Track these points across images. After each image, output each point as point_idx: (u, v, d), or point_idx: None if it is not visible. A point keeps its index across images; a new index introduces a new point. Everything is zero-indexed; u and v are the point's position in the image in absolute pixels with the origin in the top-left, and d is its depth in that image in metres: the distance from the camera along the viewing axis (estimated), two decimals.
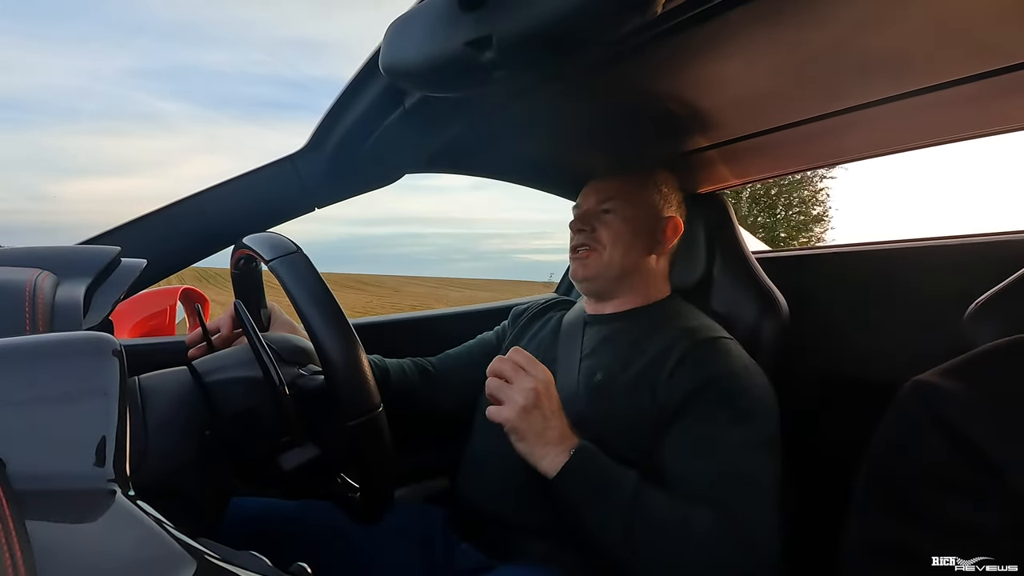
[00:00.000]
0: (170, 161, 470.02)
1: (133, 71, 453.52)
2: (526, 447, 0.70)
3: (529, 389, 0.70)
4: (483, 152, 1.14)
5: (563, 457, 0.69)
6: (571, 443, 0.70)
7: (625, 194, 0.92)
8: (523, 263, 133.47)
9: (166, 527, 0.30)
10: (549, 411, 0.71)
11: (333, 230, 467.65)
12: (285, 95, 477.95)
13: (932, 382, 0.50)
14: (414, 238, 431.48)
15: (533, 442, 0.70)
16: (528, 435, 0.70)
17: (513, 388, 0.71)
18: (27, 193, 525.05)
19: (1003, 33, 0.63)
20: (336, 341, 0.55)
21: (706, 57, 0.72)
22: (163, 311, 1.77)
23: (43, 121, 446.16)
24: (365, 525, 0.64)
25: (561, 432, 0.71)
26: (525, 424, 0.70)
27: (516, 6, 0.46)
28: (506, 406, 0.71)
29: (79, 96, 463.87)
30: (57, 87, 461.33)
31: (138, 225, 0.88)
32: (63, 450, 0.31)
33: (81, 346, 0.35)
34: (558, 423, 0.71)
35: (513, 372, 0.72)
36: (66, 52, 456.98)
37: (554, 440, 0.70)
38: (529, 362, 0.73)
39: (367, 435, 0.56)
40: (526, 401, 0.70)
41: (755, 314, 0.98)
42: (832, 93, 0.80)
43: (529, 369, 0.73)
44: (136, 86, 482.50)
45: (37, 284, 0.47)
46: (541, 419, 0.70)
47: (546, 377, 0.73)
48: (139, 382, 0.57)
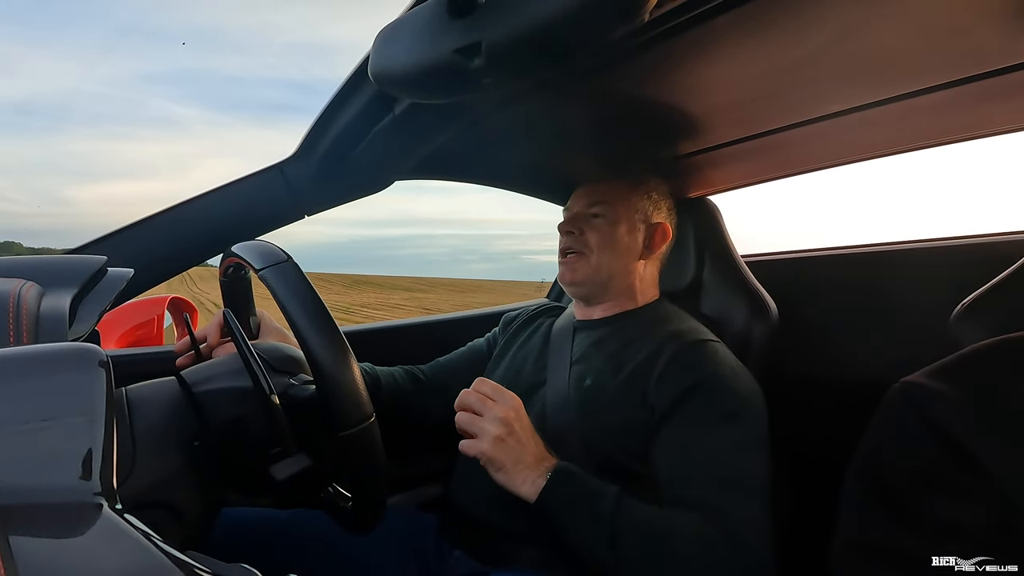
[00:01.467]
0: (184, 165, 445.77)
1: (148, 76, 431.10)
2: (505, 477, 0.70)
3: (500, 418, 0.70)
4: (473, 158, 1.14)
5: (542, 480, 0.69)
6: (548, 464, 0.70)
7: (614, 199, 0.92)
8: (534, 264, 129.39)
9: (154, 540, 0.29)
10: (523, 436, 0.71)
11: (343, 232, 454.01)
12: (295, 98, 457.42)
13: (919, 383, 0.51)
14: (425, 239, 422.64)
15: (512, 470, 0.69)
16: (506, 464, 0.69)
17: (484, 420, 0.71)
18: (45, 197, 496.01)
19: (987, 37, 0.64)
20: (328, 351, 0.55)
21: (693, 63, 0.72)
22: (151, 321, 1.75)
23: (61, 127, 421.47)
24: (357, 535, 0.63)
25: (537, 455, 0.71)
26: (502, 454, 0.69)
27: (505, 13, 0.46)
28: (479, 439, 0.70)
29: (95, 101, 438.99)
30: (74, 92, 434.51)
31: (125, 234, 0.87)
32: (48, 463, 0.30)
33: (67, 357, 0.34)
34: (533, 446, 0.71)
35: (481, 404, 0.72)
36: (83, 58, 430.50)
37: (531, 464, 0.70)
38: (496, 391, 0.74)
39: (359, 446, 0.55)
40: (499, 431, 0.69)
41: (745, 317, 0.99)
42: (818, 98, 0.81)
43: (497, 398, 0.73)
44: (152, 91, 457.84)
45: (21, 295, 0.46)
46: (517, 445, 0.70)
47: (515, 403, 0.73)
48: (126, 393, 0.56)
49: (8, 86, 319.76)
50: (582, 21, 0.44)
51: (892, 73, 0.73)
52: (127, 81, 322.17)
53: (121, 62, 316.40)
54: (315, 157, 0.92)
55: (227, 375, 0.62)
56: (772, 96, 0.81)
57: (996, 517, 0.44)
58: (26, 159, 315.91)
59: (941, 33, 0.63)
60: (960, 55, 0.68)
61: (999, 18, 0.60)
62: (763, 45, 0.67)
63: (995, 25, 0.62)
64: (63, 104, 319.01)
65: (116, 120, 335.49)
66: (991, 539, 0.44)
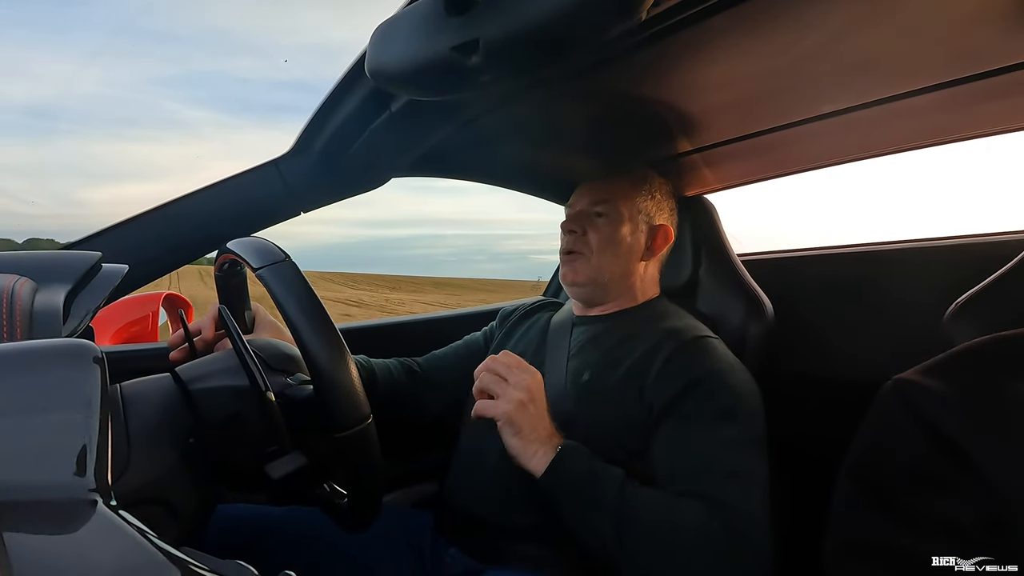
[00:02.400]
0: (193, 166, 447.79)
1: (160, 79, 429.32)
2: (519, 442, 0.71)
3: (525, 385, 0.72)
4: (470, 156, 1.14)
5: (551, 455, 0.70)
6: (557, 441, 0.71)
7: (618, 197, 0.92)
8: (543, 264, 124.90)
9: (149, 536, 0.29)
10: (541, 409, 0.73)
11: (352, 232, 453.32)
12: (302, 99, 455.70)
13: (912, 380, 0.51)
14: (433, 239, 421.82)
15: (527, 437, 0.70)
16: (523, 429, 0.70)
17: (509, 383, 0.73)
18: (60, 199, 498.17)
19: (982, 38, 0.64)
20: (326, 352, 0.54)
21: (690, 62, 0.72)
22: (145, 317, 1.75)
23: (76, 130, 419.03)
24: (353, 532, 0.63)
25: (549, 431, 0.72)
26: (522, 418, 0.70)
27: (502, 11, 0.46)
28: (502, 400, 0.72)
29: (109, 104, 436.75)
30: (88, 96, 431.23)
31: (119, 230, 0.87)
32: (42, 460, 0.30)
33: (61, 353, 0.34)
34: (546, 423, 0.73)
35: (507, 370, 0.74)
36: (95, 62, 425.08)
37: (544, 438, 0.71)
38: (521, 364, 0.75)
39: (357, 446, 0.55)
40: (523, 395, 0.71)
41: (741, 315, 0.99)
42: (814, 97, 0.82)
43: (521, 367, 0.75)
44: (163, 94, 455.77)
45: (15, 290, 0.46)
46: (536, 414, 0.72)
47: (539, 378, 0.75)
48: (121, 389, 0.56)
49: (23, 90, 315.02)
50: (580, 19, 0.44)
51: (888, 73, 0.74)
52: (139, 84, 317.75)
53: (133, 65, 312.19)
54: (311, 154, 0.92)
55: (223, 373, 0.62)
56: (769, 95, 0.81)
57: (987, 513, 0.44)
58: (43, 161, 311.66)
59: (936, 33, 0.64)
60: (955, 55, 0.68)
61: (995, 18, 0.61)
62: (760, 44, 0.67)
63: (990, 25, 0.62)
64: (77, 107, 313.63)
65: (129, 123, 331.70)
66: (985, 537, 0.45)
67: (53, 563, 0.26)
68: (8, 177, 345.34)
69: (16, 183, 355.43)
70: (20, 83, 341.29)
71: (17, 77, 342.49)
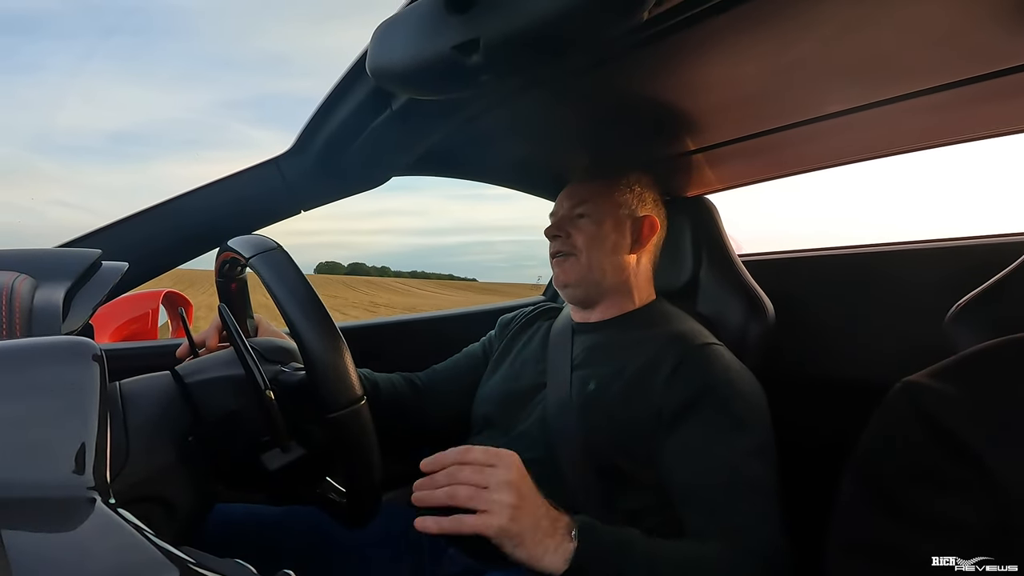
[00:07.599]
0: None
1: (228, 103, 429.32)
2: (525, 552, 0.58)
3: (507, 483, 0.60)
4: (471, 155, 1.14)
5: (567, 543, 0.60)
6: (564, 523, 0.61)
7: (597, 197, 0.92)
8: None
9: (147, 535, 0.29)
10: (533, 497, 0.61)
11: (407, 241, 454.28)
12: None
13: (922, 383, 0.51)
14: (484, 246, 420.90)
15: (532, 540, 0.59)
16: (525, 534, 0.59)
17: (490, 491, 0.59)
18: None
19: (983, 39, 0.64)
20: (316, 332, 0.55)
21: (692, 62, 0.72)
22: (145, 315, 1.74)
23: (154, 153, 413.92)
24: (352, 530, 0.63)
25: (551, 517, 0.61)
26: (519, 525, 0.58)
27: (503, 10, 0.46)
28: (492, 514, 0.58)
29: (183, 128, 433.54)
30: (164, 121, 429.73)
31: (119, 227, 0.86)
32: (41, 457, 0.30)
33: (60, 351, 0.34)
34: (544, 510, 0.62)
35: (479, 474, 0.61)
36: (169, 89, 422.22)
37: (549, 529, 0.60)
38: (489, 455, 0.63)
39: (350, 428, 0.55)
40: (511, 499, 0.59)
41: (741, 317, 0.99)
42: (816, 98, 0.81)
43: (495, 462, 0.62)
44: (232, 116, 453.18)
45: (14, 287, 0.46)
46: (532, 509, 0.60)
47: (516, 461, 0.63)
48: (120, 387, 0.56)
49: (104, 117, 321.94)
50: (581, 18, 0.44)
51: (889, 74, 0.73)
52: (210, 108, 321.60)
53: (203, 91, 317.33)
54: (312, 152, 0.91)
55: (219, 365, 0.63)
56: (770, 96, 0.81)
57: (996, 515, 0.44)
58: (123, 183, 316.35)
59: (938, 34, 0.64)
60: (956, 57, 0.68)
61: (996, 19, 0.60)
62: (761, 44, 0.67)
63: (991, 27, 0.62)
64: (155, 132, 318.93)
65: (201, 144, 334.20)
66: (992, 539, 0.44)
67: (51, 561, 0.26)
68: (98, 198, 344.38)
69: (105, 204, 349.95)
70: (106, 111, 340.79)
71: (103, 106, 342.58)
